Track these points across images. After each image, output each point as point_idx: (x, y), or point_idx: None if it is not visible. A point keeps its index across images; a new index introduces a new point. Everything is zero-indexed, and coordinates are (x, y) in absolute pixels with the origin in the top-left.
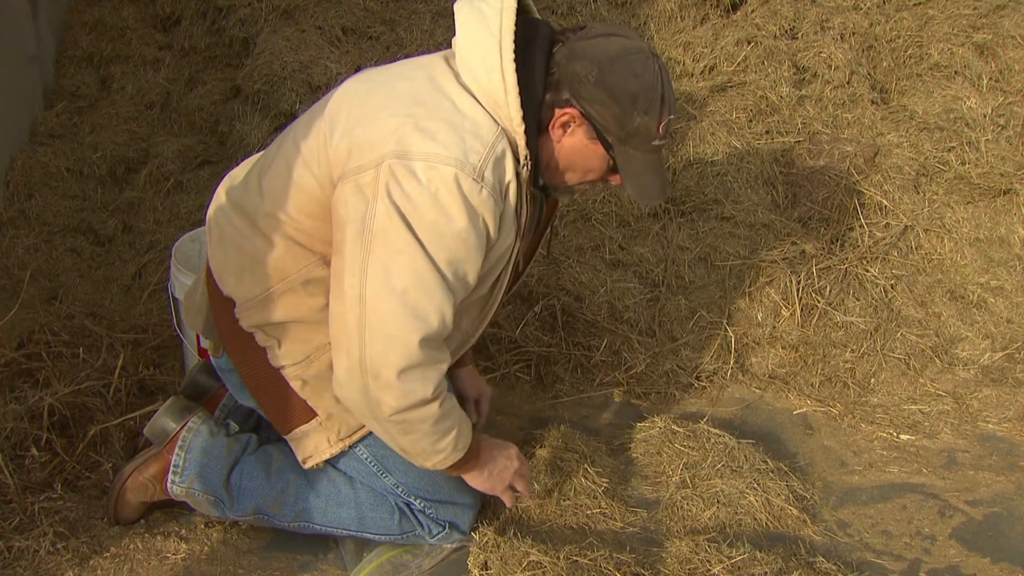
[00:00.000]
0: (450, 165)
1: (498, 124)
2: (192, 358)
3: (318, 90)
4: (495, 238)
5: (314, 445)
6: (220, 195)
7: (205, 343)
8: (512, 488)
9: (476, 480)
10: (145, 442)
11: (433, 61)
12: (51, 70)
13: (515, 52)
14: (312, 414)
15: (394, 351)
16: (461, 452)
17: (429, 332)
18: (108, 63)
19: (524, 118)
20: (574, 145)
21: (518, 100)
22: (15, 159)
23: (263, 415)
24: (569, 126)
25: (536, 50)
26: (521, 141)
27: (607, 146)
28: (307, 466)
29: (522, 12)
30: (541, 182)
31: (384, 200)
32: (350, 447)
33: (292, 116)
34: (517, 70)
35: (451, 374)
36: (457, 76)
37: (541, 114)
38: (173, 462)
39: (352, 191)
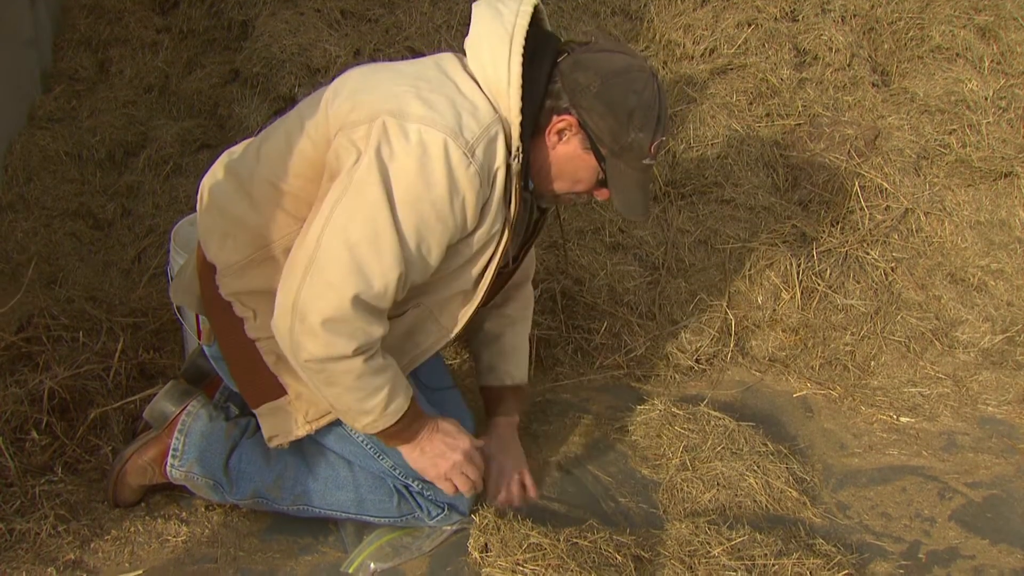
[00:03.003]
0: (443, 132)
1: (496, 112)
2: (192, 342)
3: (317, 73)
4: (472, 224)
5: (281, 424)
6: (217, 170)
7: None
8: (450, 480)
9: (409, 456)
10: (144, 425)
11: (442, 55)
12: (49, 53)
13: (523, 52)
14: (283, 391)
15: (326, 299)
16: (393, 418)
17: (366, 293)
18: (106, 46)
19: (522, 111)
20: (567, 153)
21: (519, 92)
22: (13, 143)
23: (236, 388)
24: (565, 134)
25: (542, 58)
26: (515, 132)
27: (599, 158)
28: (272, 445)
29: (536, 23)
30: (531, 186)
31: (370, 153)
32: (341, 424)
33: (291, 99)
34: (523, 66)
35: (490, 422)
36: (464, 65)
37: (539, 117)
38: (172, 446)
39: (344, 144)
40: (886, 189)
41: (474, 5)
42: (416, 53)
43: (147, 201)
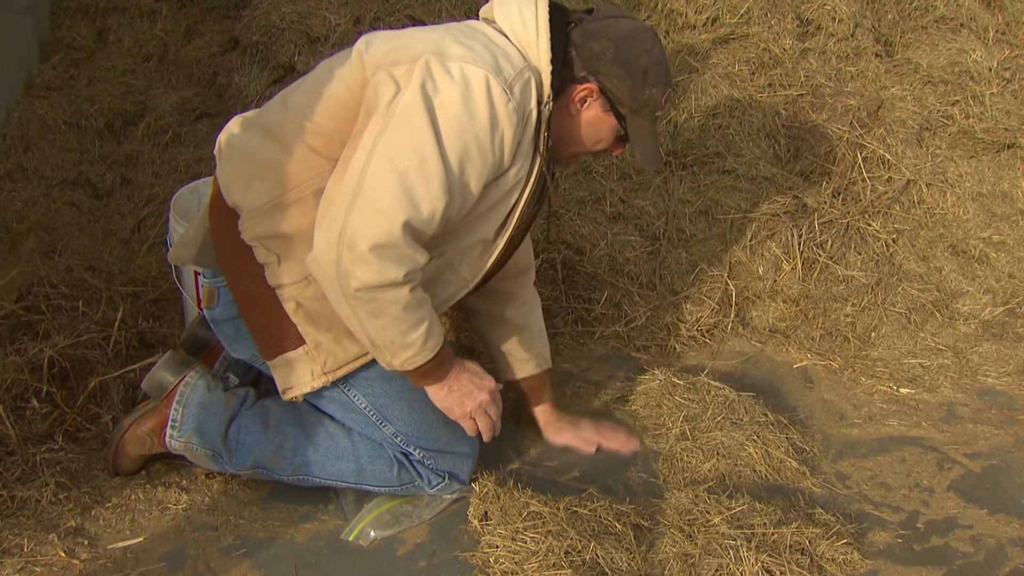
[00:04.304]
0: (484, 69)
1: (527, 61)
2: (191, 311)
3: (316, 41)
4: (507, 163)
5: (297, 376)
6: (233, 127)
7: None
8: (473, 419)
9: (437, 395)
10: (144, 395)
11: (465, 20)
12: (46, 22)
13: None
14: (300, 341)
15: (376, 225)
16: (431, 352)
17: (416, 218)
18: (104, 14)
19: (552, 61)
20: (590, 118)
21: (548, 44)
22: (11, 112)
23: (236, 354)
24: (587, 100)
25: (559, 24)
26: (547, 80)
27: (619, 117)
28: (287, 397)
29: None
30: (550, 143)
31: (414, 88)
32: (343, 391)
33: (291, 68)
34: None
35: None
36: (491, 23)
37: (559, 83)
38: (171, 416)
39: (384, 79)
40: (888, 160)
41: None
42: (416, 21)
43: (146, 170)
